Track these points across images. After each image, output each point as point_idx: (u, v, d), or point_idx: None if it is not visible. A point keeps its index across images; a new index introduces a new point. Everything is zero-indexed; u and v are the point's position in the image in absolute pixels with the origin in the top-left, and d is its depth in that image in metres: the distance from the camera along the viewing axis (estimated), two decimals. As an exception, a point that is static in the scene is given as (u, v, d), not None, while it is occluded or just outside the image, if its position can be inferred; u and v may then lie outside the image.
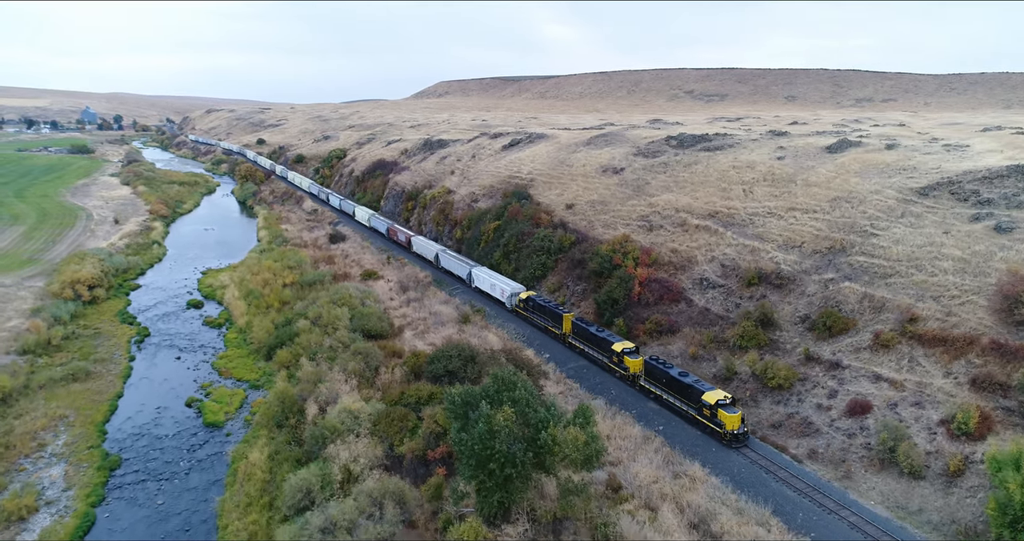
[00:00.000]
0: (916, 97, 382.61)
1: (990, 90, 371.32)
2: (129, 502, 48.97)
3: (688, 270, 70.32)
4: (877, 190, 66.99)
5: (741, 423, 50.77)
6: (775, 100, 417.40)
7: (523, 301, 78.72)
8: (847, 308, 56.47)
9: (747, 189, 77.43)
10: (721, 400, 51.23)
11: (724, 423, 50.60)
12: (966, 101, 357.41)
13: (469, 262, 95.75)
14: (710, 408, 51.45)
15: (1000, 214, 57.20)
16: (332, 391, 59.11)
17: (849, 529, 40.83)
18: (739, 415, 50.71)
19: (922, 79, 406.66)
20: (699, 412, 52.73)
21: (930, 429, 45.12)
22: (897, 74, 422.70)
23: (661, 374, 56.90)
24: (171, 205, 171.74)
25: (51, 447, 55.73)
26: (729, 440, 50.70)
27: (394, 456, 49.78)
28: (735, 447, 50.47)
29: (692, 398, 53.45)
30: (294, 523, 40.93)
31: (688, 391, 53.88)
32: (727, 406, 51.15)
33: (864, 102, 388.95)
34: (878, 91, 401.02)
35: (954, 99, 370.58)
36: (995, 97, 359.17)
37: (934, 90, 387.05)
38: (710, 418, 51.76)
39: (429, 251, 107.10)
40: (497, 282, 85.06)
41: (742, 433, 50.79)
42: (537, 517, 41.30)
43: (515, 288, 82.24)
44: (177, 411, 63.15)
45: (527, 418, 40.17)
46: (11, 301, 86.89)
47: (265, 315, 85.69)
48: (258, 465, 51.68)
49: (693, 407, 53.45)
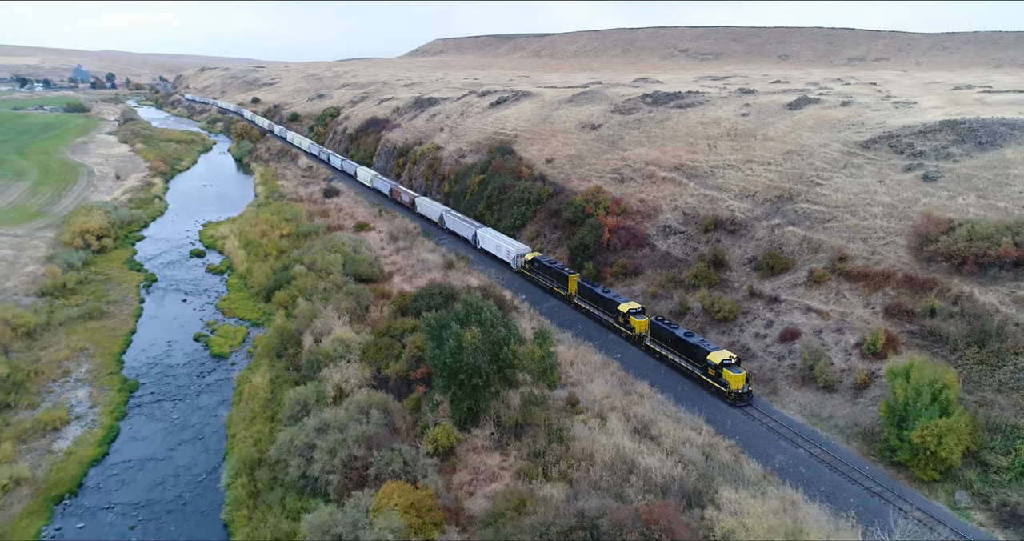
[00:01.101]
0: (909, 56, 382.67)
1: (982, 49, 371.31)
2: (148, 417, 55.86)
3: (653, 218, 76.36)
4: (825, 143, 72.75)
5: (746, 382, 51.25)
6: (769, 59, 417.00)
7: (528, 262, 78.79)
8: (788, 250, 62.77)
9: (711, 143, 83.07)
10: (726, 360, 51.69)
11: (728, 382, 51.23)
12: (957, 60, 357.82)
13: (474, 223, 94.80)
14: (715, 368, 51.98)
15: (929, 165, 63.13)
16: (326, 325, 65.63)
17: (768, 432, 47.79)
18: (744, 374, 51.16)
19: (915, 38, 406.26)
20: (704, 371, 53.28)
21: (846, 351, 51.84)
22: (891, 33, 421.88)
23: (667, 334, 57.24)
24: (169, 162, 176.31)
25: (75, 374, 62.43)
26: (734, 399, 51.16)
27: (381, 378, 56.51)
28: (739, 406, 51.05)
29: (697, 358, 53.90)
30: (293, 427, 47.78)
31: (693, 351, 54.36)
32: (731, 366, 51.57)
33: (857, 61, 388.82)
34: (871, 50, 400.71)
35: (946, 58, 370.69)
36: (986, 56, 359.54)
37: (927, 49, 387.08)
38: (715, 378, 52.32)
39: (434, 212, 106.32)
40: (503, 243, 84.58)
41: (746, 392, 51.28)
42: (502, 423, 48.13)
43: (520, 249, 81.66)
44: (186, 345, 69.78)
45: (491, 336, 46.74)
46: (26, 250, 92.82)
47: (264, 262, 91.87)
48: (261, 387, 58.49)
49: (698, 367, 53.97)
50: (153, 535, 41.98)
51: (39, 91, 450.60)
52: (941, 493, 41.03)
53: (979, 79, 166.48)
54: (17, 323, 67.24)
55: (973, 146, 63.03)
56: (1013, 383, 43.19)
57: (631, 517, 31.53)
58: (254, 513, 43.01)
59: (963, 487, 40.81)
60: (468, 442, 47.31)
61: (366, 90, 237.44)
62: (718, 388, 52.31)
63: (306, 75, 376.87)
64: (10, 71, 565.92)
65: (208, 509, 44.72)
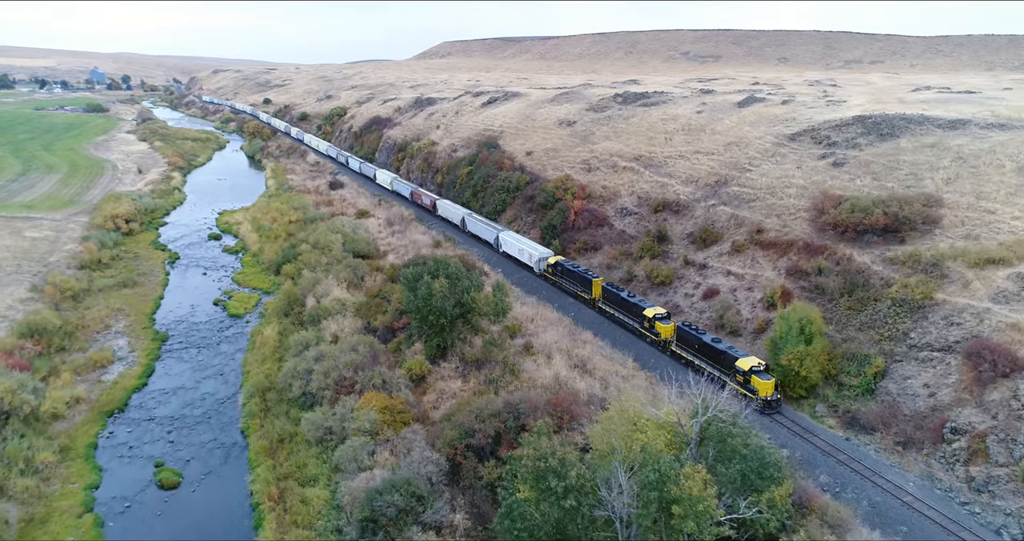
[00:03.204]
0: (903, 59, 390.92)
1: (975, 52, 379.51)
2: (177, 359, 67.48)
3: (613, 202, 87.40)
4: (760, 136, 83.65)
5: (775, 390, 49.98)
6: (768, 61, 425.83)
7: (551, 266, 77.32)
8: (719, 225, 73.68)
9: (668, 137, 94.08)
10: (755, 367, 50.63)
11: (757, 389, 49.97)
12: (951, 63, 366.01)
13: (497, 226, 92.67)
14: (743, 374, 50.86)
15: (839, 153, 73.92)
16: (326, 290, 77.04)
17: (683, 367, 58.67)
18: (772, 382, 49.89)
19: (910, 41, 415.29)
20: (732, 378, 51.93)
21: (752, 304, 62.76)
22: (886, 36, 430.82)
23: (694, 340, 56.34)
24: (186, 158, 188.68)
25: (115, 328, 74.13)
26: (762, 406, 49.89)
27: (371, 328, 67.81)
28: (767, 414, 49.81)
29: (725, 364, 52.88)
30: (296, 357, 59.25)
31: (721, 357, 53.38)
32: (760, 373, 50.40)
33: (853, 64, 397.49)
34: (867, 53, 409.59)
35: (940, 61, 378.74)
36: (978, 59, 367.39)
37: (921, 52, 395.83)
38: (743, 384, 50.95)
39: (455, 215, 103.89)
40: (525, 247, 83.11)
41: (775, 400, 50.05)
42: (466, 358, 59.44)
43: (543, 253, 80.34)
44: (207, 308, 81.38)
45: (455, 286, 57.97)
46: (64, 231, 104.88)
47: (274, 243, 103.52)
48: (270, 337, 69.93)
49: (727, 373, 52.67)
50: (186, 438, 53.40)
51: (58, 92, 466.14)
52: (806, 406, 51.97)
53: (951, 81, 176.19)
54: (64, 288, 78.97)
55: (876, 137, 73.79)
56: (870, 323, 54.02)
57: (542, 402, 42.65)
58: (264, 422, 54.44)
59: (822, 401, 51.73)
60: (437, 372, 58.68)
61: (372, 91, 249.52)
62: (746, 394, 50.40)
63: (316, 77, 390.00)
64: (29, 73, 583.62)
65: (228, 422, 56.17)
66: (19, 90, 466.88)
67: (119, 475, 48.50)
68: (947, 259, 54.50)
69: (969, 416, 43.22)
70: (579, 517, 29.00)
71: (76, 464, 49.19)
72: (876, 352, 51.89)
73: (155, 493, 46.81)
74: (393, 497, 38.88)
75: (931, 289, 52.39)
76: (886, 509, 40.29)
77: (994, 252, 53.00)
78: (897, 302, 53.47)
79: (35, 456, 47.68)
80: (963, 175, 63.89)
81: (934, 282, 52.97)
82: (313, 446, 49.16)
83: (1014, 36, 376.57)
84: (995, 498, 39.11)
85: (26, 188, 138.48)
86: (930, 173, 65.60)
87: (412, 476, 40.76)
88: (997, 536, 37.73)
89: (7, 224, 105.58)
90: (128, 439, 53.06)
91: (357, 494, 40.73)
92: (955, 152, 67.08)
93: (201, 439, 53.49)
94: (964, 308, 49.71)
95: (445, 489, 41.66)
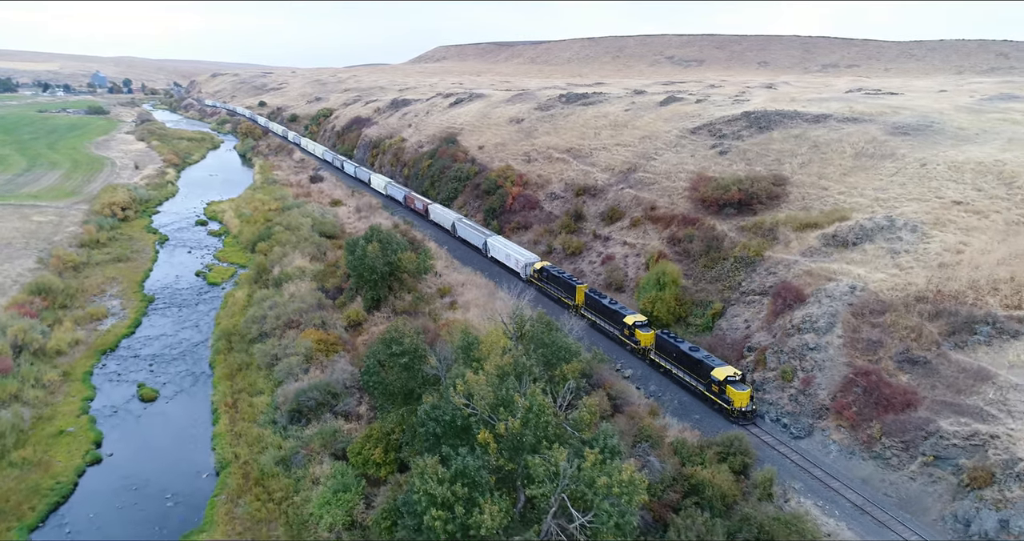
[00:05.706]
0: (878, 63, 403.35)
1: (946, 57, 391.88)
2: (161, 315, 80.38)
3: (545, 188, 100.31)
4: (668, 130, 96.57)
5: (750, 400, 49.75)
6: (748, 65, 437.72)
7: (537, 271, 78.72)
8: (623, 205, 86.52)
9: (596, 132, 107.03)
10: (730, 376, 50.21)
11: (732, 399, 49.58)
12: (923, 68, 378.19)
13: (485, 232, 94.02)
14: (719, 384, 50.36)
15: (726, 143, 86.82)
16: (291, 261, 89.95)
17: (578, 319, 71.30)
18: (748, 392, 49.59)
19: (885, 46, 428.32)
20: (708, 388, 51.71)
21: (638, 267, 75.58)
22: (863, 41, 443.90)
23: (672, 348, 56.04)
24: (181, 156, 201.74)
25: (109, 292, 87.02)
26: (736, 417, 49.59)
27: (324, 289, 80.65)
28: (742, 425, 49.32)
29: (701, 373, 52.50)
30: (255, 307, 72.22)
31: (698, 366, 52.93)
32: (736, 383, 50.00)
33: (830, 68, 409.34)
34: (844, 57, 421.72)
35: (913, 65, 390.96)
36: (949, 63, 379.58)
37: (895, 57, 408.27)
38: (718, 394, 50.60)
39: (446, 220, 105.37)
40: (512, 252, 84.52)
41: (750, 411, 49.67)
42: (396, 310, 72.25)
43: (529, 258, 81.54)
44: (190, 278, 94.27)
45: (387, 248, 70.87)
46: (67, 216, 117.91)
47: (253, 226, 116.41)
48: (240, 298, 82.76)
49: (703, 383, 52.47)
50: (164, 370, 66.24)
51: (60, 95, 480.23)
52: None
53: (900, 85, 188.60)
54: (67, 260, 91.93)
55: (756, 130, 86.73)
56: (718, 276, 66.86)
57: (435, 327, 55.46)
58: (228, 356, 67.29)
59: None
60: (372, 320, 71.54)
61: (360, 94, 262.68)
62: (721, 405, 50.60)
63: (311, 80, 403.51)
64: (32, 77, 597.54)
65: (199, 359, 69.04)
66: (23, 93, 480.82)
67: (109, 392, 61.39)
68: (781, 225, 67.45)
69: (760, 338, 56.24)
70: (417, 375, 41.74)
71: (75, 384, 62.06)
72: (718, 299, 64.81)
73: (137, 404, 59.67)
74: (314, 394, 51.79)
75: (762, 248, 65.34)
76: (691, 406, 53.21)
77: (814, 218, 65.97)
78: (738, 259, 66.37)
79: (44, 375, 60.57)
80: (814, 160, 76.85)
81: (766, 243, 65.92)
82: (263, 370, 62.07)
83: (983, 40, 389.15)
84: (765, 393, 52.01)
85: (32, 181, 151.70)
86: (790, 158, 78.56)
87: (331, 381, 53.66)
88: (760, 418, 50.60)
89: (16, 210, 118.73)
90: (117, 369, 65.95)
91: (289, 395, 53.66)
92: (812, 141, 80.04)
93: (176, 370, 66.37)
94: (780, 261, 62.62)
95: (357, 391, 54.54)
